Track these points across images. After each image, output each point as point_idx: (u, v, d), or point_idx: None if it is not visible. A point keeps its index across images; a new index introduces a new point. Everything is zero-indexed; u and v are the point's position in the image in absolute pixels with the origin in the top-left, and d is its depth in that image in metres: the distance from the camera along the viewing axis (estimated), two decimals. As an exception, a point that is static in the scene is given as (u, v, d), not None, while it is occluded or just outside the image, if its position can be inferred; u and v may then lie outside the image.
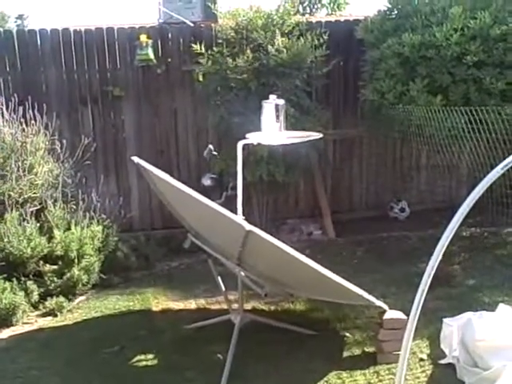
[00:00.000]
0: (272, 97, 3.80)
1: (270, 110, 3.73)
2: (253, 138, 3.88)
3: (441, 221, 6.93)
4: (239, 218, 3.40)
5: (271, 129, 3.76)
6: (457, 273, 5.04)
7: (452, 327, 3.78)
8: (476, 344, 3.43)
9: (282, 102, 3.79)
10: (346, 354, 3.87)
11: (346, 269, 5.40)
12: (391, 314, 3.69)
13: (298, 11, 9.54)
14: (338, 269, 5.40)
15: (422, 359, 3.75)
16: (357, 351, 3.88)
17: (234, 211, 3.90)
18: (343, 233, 6.55)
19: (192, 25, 6.25)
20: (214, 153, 5.85)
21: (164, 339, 4.11)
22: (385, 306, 3.64)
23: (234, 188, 6.42)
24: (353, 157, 7.04)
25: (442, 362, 3.66)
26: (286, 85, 5.72)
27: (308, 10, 14.30)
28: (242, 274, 3.58)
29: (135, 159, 3.78)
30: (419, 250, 5.91)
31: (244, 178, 5.87)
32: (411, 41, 5.29)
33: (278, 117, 3.73)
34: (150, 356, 3.88)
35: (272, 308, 4.55)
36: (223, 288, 4.10)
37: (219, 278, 4.10)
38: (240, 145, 3.89)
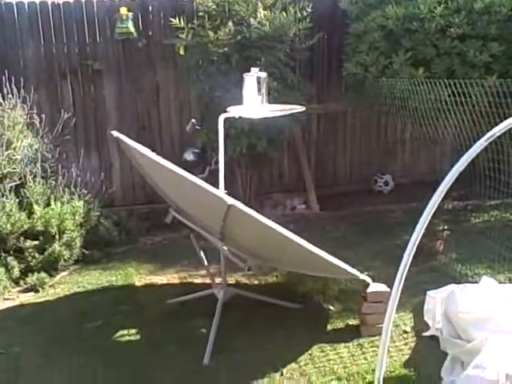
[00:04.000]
0: (254, 69, 3.73)
1: (251, 82, 3.66)
2: (234, 111, 3.82)
3: (424, 194, 6.79)
4: (221, 192, 3.35)
5: (253, 102, 3.69)
6: (440, 246, 5.03)
7: (435, 299, 3.79)
8: (459, 316, 3.43)
9: (263, 74, 3.72)
10: (329, 327, 3.87)
11: (330, 243, 5.39)
12: (374, 287, 3.68)
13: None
14: (322, 243, 5.38)
15: (405, 331, 3.77)
16: (340, 324, 3.89)
17: (217, 186, 3.87)
18: (327, 207, 6.54)
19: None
20: (197, 127, 5.83)
21: (147, 314, 4.08)
22: (368, 279, 3.64)
23: (218, 162, 6.41)
24: (337, 131, 7.02)
25: (426, 334, 3.68)
26: (269, 58, 5.65)
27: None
28: (225, 248, 3.55)
29: (114, 133, 3.71)
30: (403, 223, 5.91)
31: (226, 152, 5.88)
32: (395, 13, 5.25)
33: (259, 90, 3.66)
34: (133, 331, 3.84)
35: (255, 282, 4.54)
36: (206, 262, 4.07)
37: (202, 253, 4.07)
38: (221, 118, 3.83)
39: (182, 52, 5.91)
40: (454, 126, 5.18)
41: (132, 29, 5.95)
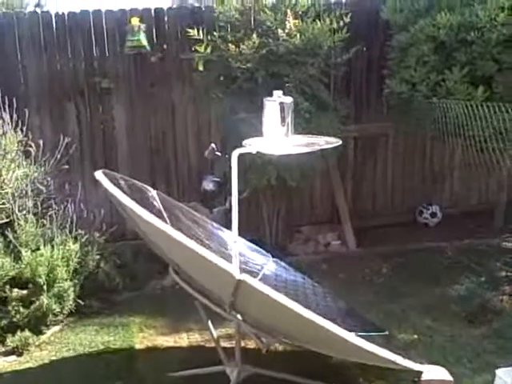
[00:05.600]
0: (276, 93, 2.95)
1: (273, 110, 2.88)
2: (251, 145, 3.05)
3: (477, 228, 6.12)
4: (230, 265, 2.54)
5: (275, 134, 2.91)
6: (507, 304, 4.17)
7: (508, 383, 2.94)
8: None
9: (289, 99, 2.93)
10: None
11: (371, 291, 4.64)
12: (431, 373, 2.84)
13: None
14: (361, 291, 4.62)
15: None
16: (384, 417, 3.06)
17: (241, 218, 3.12)
18: (366, 243, 5.73)
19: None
20: (217, 153, 5.11)
21: (141, 394, 3.32)
22: (425, 368, 2.79)
23: (241, 193, 5.66)
24: (377, 155, 6.19)
25: None
26: (299, 75, 4.89)
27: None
28: (239, 317, 2.77)
29: (97, 175, 2.95)
30: (456, 265, 5.08)
31: (250, 183, 5.12)
32: (448, 22, 4.45)
33: (283, 119, 2.88)
34: (120, 421, 3.09)
35: (280, 348, 3.72)
36: (215, 335, 3.27)
37: (210, 323, 3.27)
38: (235, 154, 3.06)
39: (201, 68, 5.17)
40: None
41: (144, 42, 5.26)
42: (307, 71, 4.92)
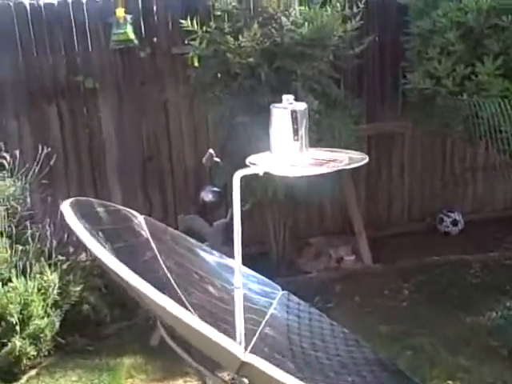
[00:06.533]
0: (286, 98, 2.33)
1: (283, 119, 2.28)
2: (257, 164, 2.43)
3: (504, 237, 5.55)
4: (233, 344, 1.94)
5: (285, 149, 2.31)
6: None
7: None
8: None
9: (302, 106, 2.32)
10: None
11: (392, 319, 4.04)
12: None
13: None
14: (382, 319, 4.00)
15: None
16: None
17: (244, 230, 2.51)
18: (382, 257, 5.14)
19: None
20: (216, 159, 4.56)
21: None
22: None
23: (243, 205, 5.09)
24: (392, 157, 5.59)
25: None
26: (307, 70, 4.30)
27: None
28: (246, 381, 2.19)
29: (63, 208, 2.32)
30: (485, 285, 4.50)
31: (254, 196, 4.55)
32: (477, 4, 3.89)
33: (296, 131, 2.27)
34: None
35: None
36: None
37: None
38: (237, 177, 2.42)
39: (196, 64, 4.59)
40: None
41: (132, 35, 4.68)
42: (316, 65, 4.33)
